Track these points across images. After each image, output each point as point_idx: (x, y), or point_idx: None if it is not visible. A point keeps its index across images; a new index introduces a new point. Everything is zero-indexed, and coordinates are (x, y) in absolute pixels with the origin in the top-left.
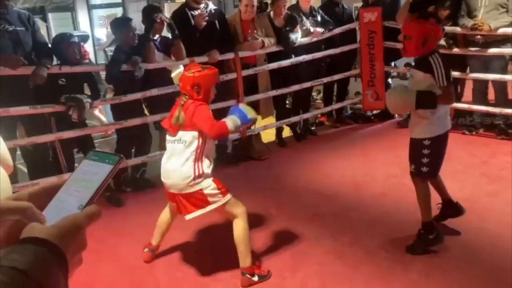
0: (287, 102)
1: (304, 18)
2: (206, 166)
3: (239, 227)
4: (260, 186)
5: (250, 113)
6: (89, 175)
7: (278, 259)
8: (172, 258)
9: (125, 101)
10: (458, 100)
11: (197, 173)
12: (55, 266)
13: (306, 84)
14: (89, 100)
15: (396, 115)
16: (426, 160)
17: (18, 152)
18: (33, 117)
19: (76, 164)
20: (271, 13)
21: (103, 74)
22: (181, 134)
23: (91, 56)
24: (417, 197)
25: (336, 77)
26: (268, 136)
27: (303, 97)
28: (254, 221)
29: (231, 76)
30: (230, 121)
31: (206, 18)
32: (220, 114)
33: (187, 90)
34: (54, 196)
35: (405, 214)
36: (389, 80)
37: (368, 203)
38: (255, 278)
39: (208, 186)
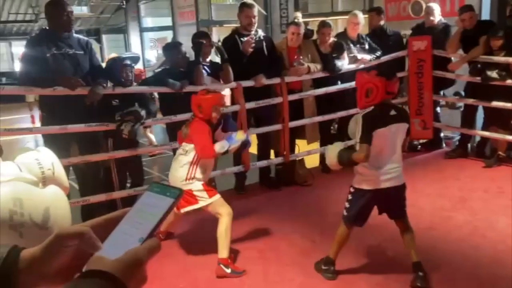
0: (332, 128)
1: (351, 45)
2: (199, 172)
3: (222, 224)
4: (303, 212)
5: (238, 136)
6: (150, 207)
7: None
8: (213, 283)
9: (175, 122)
10: (511, 132)
11: (189, 176)
12: None
13: (352, 111)
14: (144, 112)
15: (444, 145)
16: (348, 205)
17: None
18: (87, 136)
19: (127, 184)
20: (318, 40)
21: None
22: (184, 144)
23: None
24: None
25: None
26: (312, 161)
27: (349, 124)
28: (297, 247)
29: (277, 100)
30: (218, 145)
31: (253, 44)
32: (264, 136)
33: (193, 109)
34: (116, 226)
35: (454, 248)
36: (438, 109)
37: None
38: (228, 270)
39: (197, 188)
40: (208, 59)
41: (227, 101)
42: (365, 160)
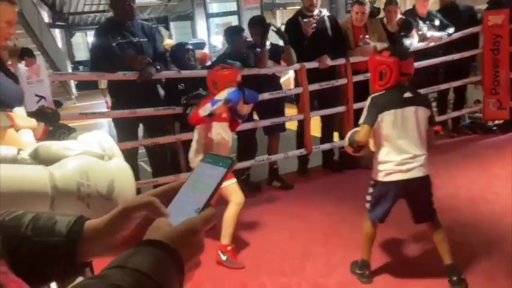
0: None
1: (420, 22)
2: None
3: (230, 211)
4: None
5: (218, 95)
6: (204, 177)
7: (386, 271)
8: (276, 264)
9: None
10: None
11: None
12: (173, 270)
13: (421, 91)
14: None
15: None
16: (369, 198)
17: (141, 151)
18: (154, 119)
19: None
20: (384, 18)
21: None
22: None
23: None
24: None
25: (455, 84)
26: None
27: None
28: (361, 232)
29: (342, 82)
30: (201, 109)
31: (314, 25)
32: (327, 119)
33: (208, 85)
34: (174, 197)
35: None
36: None
37: (487, 221)
38: (224, 258)
39: None
40: (268, 42)
41: (291, 83)
42: (363, 141)
